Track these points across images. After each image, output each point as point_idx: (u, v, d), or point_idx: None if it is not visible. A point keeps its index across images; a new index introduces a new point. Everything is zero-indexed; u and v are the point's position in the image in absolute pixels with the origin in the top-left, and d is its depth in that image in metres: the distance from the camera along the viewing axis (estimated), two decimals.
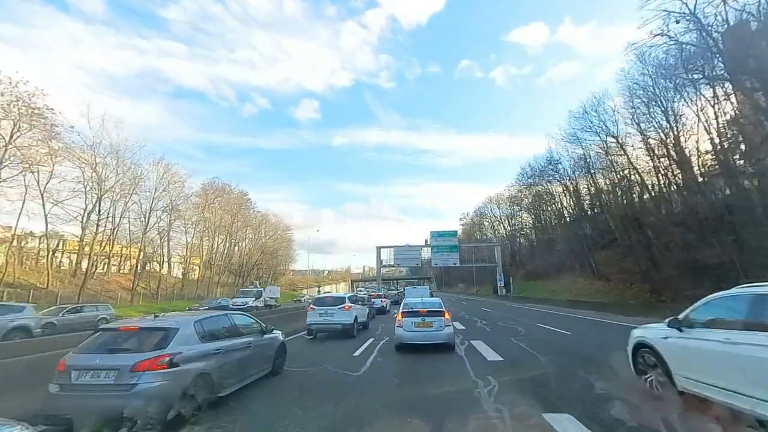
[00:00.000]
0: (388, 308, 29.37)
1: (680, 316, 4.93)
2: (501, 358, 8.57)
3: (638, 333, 5.75)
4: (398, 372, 7.59)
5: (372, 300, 25.93)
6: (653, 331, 5.44)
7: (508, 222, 62.62)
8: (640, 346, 5.57)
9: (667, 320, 5.08)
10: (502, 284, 54.03)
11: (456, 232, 57.05)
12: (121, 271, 46.14)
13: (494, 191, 65.57)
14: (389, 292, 61.88)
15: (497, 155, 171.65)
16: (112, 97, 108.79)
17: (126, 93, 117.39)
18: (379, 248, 54.63)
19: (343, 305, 14.12)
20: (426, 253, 56.89)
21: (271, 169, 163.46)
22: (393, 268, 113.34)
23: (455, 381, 6.59)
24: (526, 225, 60.57)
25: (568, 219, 48.47)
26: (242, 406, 5.47)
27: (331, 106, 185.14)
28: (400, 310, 10.23)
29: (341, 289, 77.19)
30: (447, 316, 9.69)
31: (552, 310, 26.53)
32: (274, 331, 7.89)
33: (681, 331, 4.80)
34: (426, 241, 56.91)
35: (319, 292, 64.29)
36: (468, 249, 60.54)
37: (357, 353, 9.82)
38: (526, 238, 59.87)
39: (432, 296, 17.87)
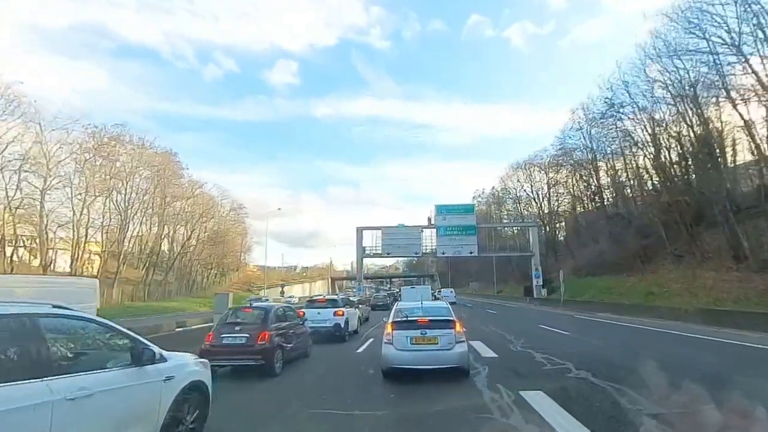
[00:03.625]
0: (356, 328, 13.01)
1: None
2: None
3: None
4: None
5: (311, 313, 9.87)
6: None
7: (544, 198, 45.56)
8: None
9: None
10: (540, 282, 37.41)
11: (473, 206, 40.10)
12: None
13: (522, 157, 47.81)
14: (378, 294, 45.03)
15: (511, 131, 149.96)
16: (44, 56, 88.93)
17: (62, 51, 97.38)
18: (360, 230, 37.62)
19: None
20: (429, 241, 39.91)
21: (242, 148, 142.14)
22: (386, 264, 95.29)
23: None
24: (566, 198, 43.64)
25: (645, 185, 31.97)
26: None
27: (313, 69, 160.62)
28: (390, 320, 7.08)
29: (317, 289, 60.04)
30: (458, 328, 6.65)
31: (683, 330, 13.12)
32: None
33: None
34: (429, 220, 39.82)
35: (282, 293, 47.29)
36: (488, 233, 43.57)
37: None
38: (583, 214, 42.38)
39: (435, 298, 15.48)
